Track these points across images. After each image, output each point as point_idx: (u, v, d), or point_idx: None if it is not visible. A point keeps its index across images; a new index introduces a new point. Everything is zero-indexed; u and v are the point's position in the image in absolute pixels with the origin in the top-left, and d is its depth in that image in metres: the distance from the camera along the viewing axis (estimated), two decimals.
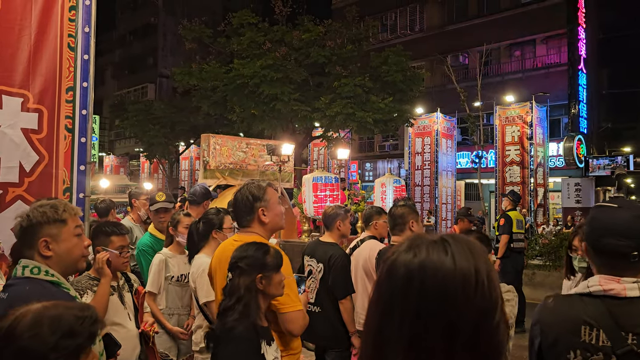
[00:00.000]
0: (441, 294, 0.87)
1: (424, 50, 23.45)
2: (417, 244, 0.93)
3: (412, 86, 14.94)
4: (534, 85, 20.72)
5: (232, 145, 6.92)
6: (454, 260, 0.89)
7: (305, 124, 14.48)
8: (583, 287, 1.55)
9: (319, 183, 7.06)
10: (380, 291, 0.92)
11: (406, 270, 0.89)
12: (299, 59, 14.17)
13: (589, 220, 1.61)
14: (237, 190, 2.70)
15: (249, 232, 2.61)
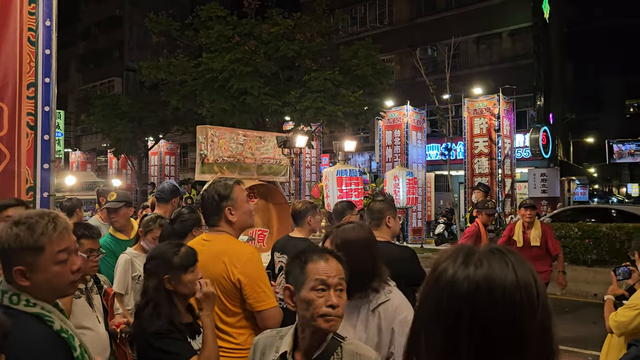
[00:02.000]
0: (510, 307, 0.86)
1: (393, 44, 23.58)
2: (472, 255, 0.91)
3: (382, 79, 15.01)
4: (501, 77, 21.07)
5: (229, 137, 6.62)
6: (515, 272, 0.88)
7: (276, 118, 14.41)
8: None
9: (343, 177, 6.68)
10: (441, 307, 0.88)
11: (470, 284, 0.87)
12: (268, 53, 14.06)
13: None
14: (204, 189, 2.66)
15: (218, 232, 2.58)
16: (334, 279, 1.64)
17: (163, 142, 24.22)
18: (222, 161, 6.37)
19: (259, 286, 2.43)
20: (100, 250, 2.80)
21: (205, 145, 6.14)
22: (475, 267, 0.88)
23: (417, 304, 0.96)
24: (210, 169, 6.29)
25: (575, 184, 27.02)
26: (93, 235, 2.73)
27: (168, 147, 24.77)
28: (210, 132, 6.34)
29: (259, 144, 7.04)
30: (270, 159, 7.22)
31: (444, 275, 0.90)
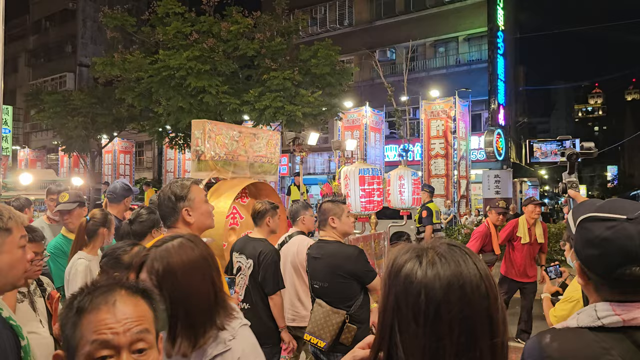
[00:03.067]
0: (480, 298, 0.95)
1: (352, 45, 23.77)
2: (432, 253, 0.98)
3: (341, 80, 15.07)
4: (457, 81, 21.58)
5: (225, 133, 6.28)
6: (475, 264, 0.98)
7: (235, 118, 14.24)
8: (590, 318, 1.21)
9: (366, 176, 6.17)
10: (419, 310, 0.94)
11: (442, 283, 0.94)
12: (227, 51, 13.89)
13: (595, 243, 1.20)
14: (160, 189, 2.60)
15: (176, 233, 2.53)
16: (124, 336, 1.04)
17: (118, 140, 23.60)
18: (218, 158, 6.13)
19: None
20: (44, 253, 2.68)
21: (202, 140, 5.74)
22: (441, 265, 0.96)
23: (383, 309, 1.00)
24: (206, 166, 5.97)
25: (527, 185, 27.95)
26: (36, 238, 2.61)
27: (123, 146, 24.15)
28: (208, 127, 6.02)
29: (252, 141, 6.67)
30: (263, 157, 6.82)
31: (414, 277, 0.95)
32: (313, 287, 3.59)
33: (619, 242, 1.17)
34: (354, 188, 6.13)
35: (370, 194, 6.13)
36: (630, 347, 1.15)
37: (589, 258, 1.22)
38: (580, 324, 1.21)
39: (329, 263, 3.48)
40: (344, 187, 6.24)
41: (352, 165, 6.42)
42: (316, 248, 3.65)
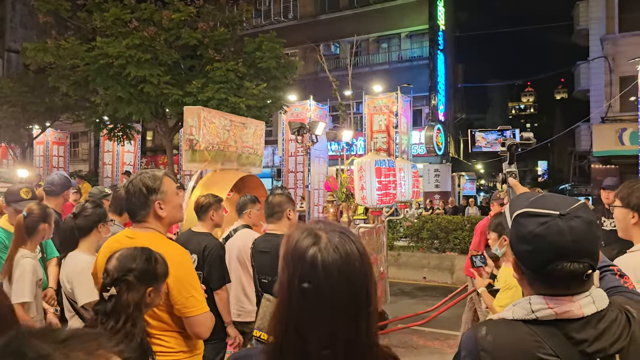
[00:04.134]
0: (363, 271, 1.12)
1: (297, 38, 23.74)
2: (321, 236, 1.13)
3: (285, 73, 15.02)
4: (399, 76, 22.03)
5: (218, 122, 5.67)
6: (355, 244, 1.14)
7: (177, 109, 13.89)
8: (524, 311, 1.23)
9: (382, 167, 5.78)
10: (309, 286, 1.08)
11: (334, 266, 1.09)
12: (169, 40, 13.50)
13: (527, 238, 1.23)
14: (129, 181, 2.41)
15: (145, 228, 2.38)
16: None
17: (51, 130, 22.42)
18: (211, 148, 5.61)
19: (188, 291, 2.25)
20: None
21: (196, 129, 5.37)
22: (334, 250, 1.11)
23: (288, 290, 1.12)
24: (201, 156, 5.49)
25: (465, 179, 28.98)
26: None
27: (56, 137, 22.98)
28: (203, 115, 5.46)
29: (241, 131, 6.32)
30: (249, 147, 6.51)
31: (315, 261, 1.09)
32: (261, 281, 3.54)
33: (550, 238, 1.19)
34: (369, 180, 5.76)
35: (387, 186, 5.81)
36: (562, 340, 1.18)
37: (522, 253, 1.25)
38: (516, 317, 1.23)
39: (277, 257, 3.47)
40: (357, 179, 5.87)
41: (368, 156, 6.03)
42: (264, 242, 3.61)
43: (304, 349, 1.08)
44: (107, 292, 1.89)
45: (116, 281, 1.90)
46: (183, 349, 2.30)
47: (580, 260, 1.18)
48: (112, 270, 1.93)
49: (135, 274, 1.92)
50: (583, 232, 1.20)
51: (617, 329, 1.20)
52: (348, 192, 6.14)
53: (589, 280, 1.21)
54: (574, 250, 1.18)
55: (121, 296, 1.88)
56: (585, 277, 1.20)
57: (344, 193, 6.17)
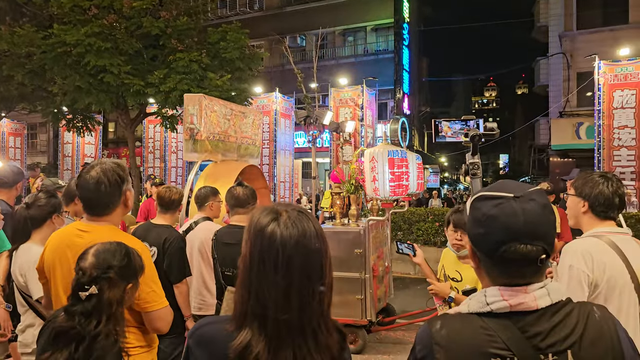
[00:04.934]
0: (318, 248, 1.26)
1: (263, 30, 23.54)
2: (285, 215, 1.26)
3: (251, 65, 14.85)
4: (365, 70, 22.12)
5: (219, 111, 5.42)
6: (313, 224, 1.28)
7: (139, 100, 13.56)
8: (479, 304, 1.22)
9: (395, 158, 5.58)
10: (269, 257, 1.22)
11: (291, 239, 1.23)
12: (130, 29, 13.14)
13: (482, 220, 1.22)
14: (94, 172, 2.27)
15: (99, 221, 2.28)
16: None
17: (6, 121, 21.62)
18: (213, 138, 5.37)
19: (149, 285, 2.21)
20: None
21: (198, 118, 5.12)
22: (293, 226, 1.24)
23: (249, 263, 1.25)
24: (202, 147, 5.23)
25: (429, 172, 29.41)
26: None
27: (13, 127, 22.17)
28: (204, 103, 5.17)
29: (241, 121, 6.09)
30: (248, 138, 6.31)
31: (274, 235, 1.23)
32: (224, 274, 3.48)
33: (503, 219, 1.18)
34: (382, 171, 5.56)
35: (400, 178, 5.66)
36: (516, 334, 1.16)
37: (476, 237, 1.24)
38: (471, 310, 1.22)
39: None
40: (369, 170, 5.60)
41: (380, 147, 5.79)
42: (228, 234, 3.55)
43: (265, 314, 1.21)
44: (85, 292, 1.79)
45: (96, 279, 1.81)
46: (141, 344, 2.26)
47: (533, 243, 1.16)
48: (89, 267, 1.83)
49: (116, 270, 1.85)
50: (537, 214, 1.18)
51: (570, 323, 1.18)
52: (357, 183, 5.95)
53: (543, 268, 1.19)
54: (526, 232, 1.16)
55: (103, 294, 1.80)
56: (540, 262, 1.17)
57: (353, 185, 5.97)
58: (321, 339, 1.25)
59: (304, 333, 1.22)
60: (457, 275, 3.24)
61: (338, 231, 5.67)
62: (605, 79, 12.28)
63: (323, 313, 1.26)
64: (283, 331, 1.21)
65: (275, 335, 1.21)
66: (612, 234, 2.30)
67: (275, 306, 1.20)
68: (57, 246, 2.27)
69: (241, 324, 1.24)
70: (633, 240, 2.32)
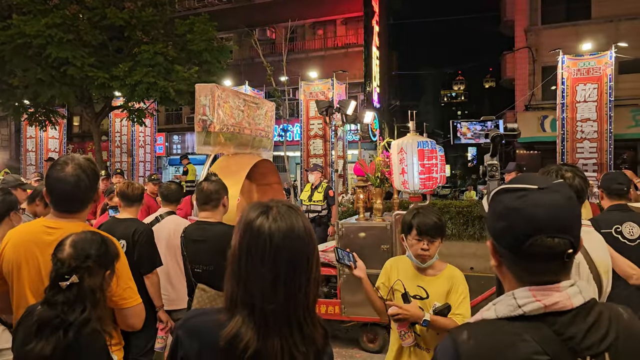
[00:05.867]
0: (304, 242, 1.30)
1: (231, 22, 23.26)
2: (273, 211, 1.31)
3: (219, 58, 14.67)
4: (335, 63, 22.11)
5: (232, 101, 5.18)
6: (302, 220, 1.32)
7: (104, 93, 13.25)
8: (509, 307, 1.12)
9: (425, 149, 5.30)
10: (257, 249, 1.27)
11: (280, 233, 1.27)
12: (93, 20, 12.81)
13: (504, 213, 1.14)
14: (70, 168, 2.19)
15: (68, 218, 2.22)
16: None
17: None
18: (226, 130, 5.11)
19: (125, 282, 2.21)
20: None
21: (211, 109, 4.89)
22: (281, 220, 1.29)
23: (238, 255, 1.29)
24: (215, 139, 4.97)
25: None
26: None
27: None
28: (217, 93, 4.96)
29: (255, 112, 5.80)
30: (262, 130, 6.02)
31: (262, 228, 1.27)
32: (194, 271, 3.43)
33: (527, 211, 1.10)
34: (411, 163, 5.30)
35: (430, 170, 5.38)
36: (551, 337, 1.07)
37: (498, 232, 1.15)
38: (499, 315, 1.11)
39: (216, 245, 3.34)
40: (397, 162, 5.34)
41: (408, 137, 5.51)
42: (198, 230, 3.49)
43: (253, 303, 1.25)
44: (66, 281, 1.82)
45: (76, 269, 1.84)
46: (115, 340, 2.23)
47: (559, 236, 1.09)
48: (68, 258, 1.85)
49: (95, 259, 1.89)
50: (562, 206, 1.12)
51: (604, 324, 1.11)
52: (382, 176, 5.68)
53: (569, 263, 1.12)
54: (552, 224, 1.09)
55: (83, 283, 1.84)
56: (567, 257, 1.10)
57: (378, 178, 5.69)
58: (306, 331, 1.29)
59: (289, 324, 1.27)
60: (420, 292, 2.61)
61: (363, 226, 5.39)
62: (568, 73, 12.58)
63: (308, 306, 1.30)
64: (270, 321, 1.25)
65: (263, 324, 1.25)
66: None
67: (262, 296, 1.25)
68: (21, 244, 2.18)
69: (232, 314, 1.28)
70: (593, 231, 2.37)
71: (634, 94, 17.15)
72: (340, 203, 13.85)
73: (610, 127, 12.23)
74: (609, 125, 12.23)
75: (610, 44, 13.09)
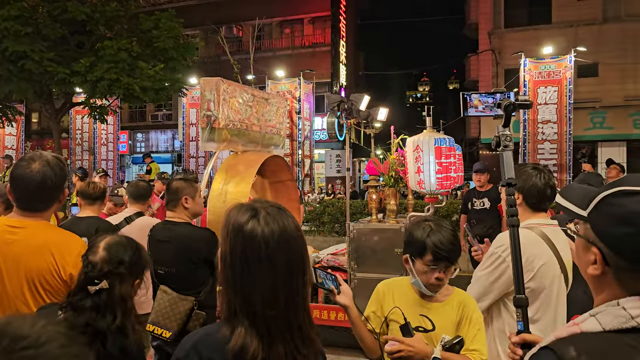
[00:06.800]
0: (297, 243, 1.29)
1: (198, 19, 22.95)
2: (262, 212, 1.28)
3: (185, 55, 14.42)
4: (302, 62, 22.08)
5: (239, 96, 4.98)
6: (292, 220, 1.31)
7: (64, 88, 12.83)
8: (620, 319, 1.01)
9: (443, 147, 4.98)
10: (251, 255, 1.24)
11: (274, 236, 1.25)
12: (53, 13, 12.39)
13: (630, 218, 1.03)
14: (37, 165, 2.11)
15: (36, 217, 2.14)
16: None
17: None
18: (232, 127, 4.89)
19: None
20: None
21: (215, 104, 4.68)
22: (274, 223, 1.27)
23: (230, 261, 1.26)
24: (220, 136, 4.76)
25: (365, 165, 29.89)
26: None
27: None
28: (223, 87, 4.76)
29: (264, 108, 5.57)
30: (272, 127, 5.77)
31: (254, 232, 1.25)
32: (157, 272, 3.37)
33: None
34: (428, 162, 4.95)
35: (447, 169, 5.04)
36: None
37: (620, 239, 1.03)
38: (606, 327, 1.00)
39: (179, 247, 3.27)
40: (412, 161, 5.00)
41: (424, 134, 5.15)
42: (163, 230, 3.43)
43: (253, 311, 1.23)
44: (94, 286, 1.73)
45: (108, 274, 1.76)
46: None
47: None
48: (100, 262, 1.77)
49: (127, 265, 1.80)
50: None
51: None
52: (397, 175, 5.38)
53: None
54: None
55: (114, 289, 1.75)
56: None
57: (392, 177, 5.29)
58: (306, 333, 1.29)
59: (290, 328, 1.26)
60: (424, 323, 2.13)
61: (375, 228, 5.11)
62: (530, 75, 12.90)
63: (305, 307, 1.30)
64: (272, 327, 1.23)
65: (266, 332, 1.23)
66: (544, 226, 2.36)
67: (263, 303, 1.23)
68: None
69: (233, 326, 1.24)
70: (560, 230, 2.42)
71: (591, 97, 17.74)
72: (307, 202, 13.84)
73: (569, 129, 12.60)
74: (568, 127, 12.60)
75: (570, 48, 13.49)
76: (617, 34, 17.93)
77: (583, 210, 1.13)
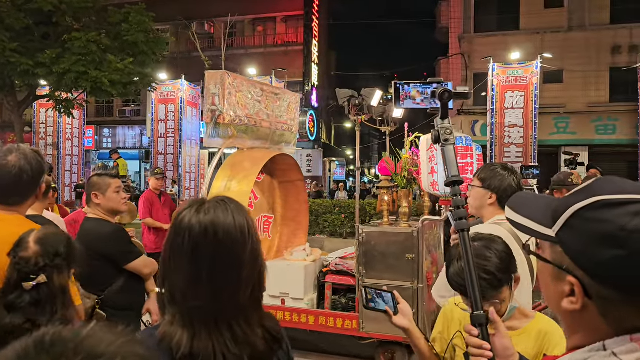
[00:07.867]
0: (229, 241, 1.21)
1: (169, 14, 22.61)
2: (203, 204, 1.24)
3: (155, 49, 14.18)
4: (274, 60, 22.01)
5: (247, 90, 4.73)
6: (233, 216, 1.23)
7: (27, 80, 12.47)
8: None
9: (459, 146, 4.69)
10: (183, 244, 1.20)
11: (201, 226, 1.20)
12: (17, 3, 12.02)
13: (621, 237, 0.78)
14: (13, 158, 2.05)
15: (11, 211, 2.10)
16: None
17: None
18: (239, 122, 4.68)
19: None
20: None
21: (220, 98, 4.47)
22: (205, 213, 1.22)
23: (164, 250, 1.25)
24: (225, 132, 4.57)
25: (335, 165, 29.98)
26: None
27: None
28: (228, 81, 4.55)
29: (274, 103, 5.28)
30: (284, 123, 5.51)
31: (183, 222, 1.22)
32: None
33: None
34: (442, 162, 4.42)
35: (464, 170, 4.67)
36: None
37: (607, 264, 0.80)
38: None
39: (81, 243, 3.19)
40: (426, 161, 4.70)
41: None
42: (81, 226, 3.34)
43: (176, 301, 1.21)
44: (30, 282, 1.69)
45: (44, 268, 1.73)
46: None
47: None
48: (34, 256, 1.73)
49: (64, 257, 1.79)
50: None
51: None
52: (410, 176, 5.02)
53: None
54: None
55: (53, 282, 1.73)
56: None
57: (405, 177, 5.02)
58: (238, 333, 1.22)
59: (217, 323, 1.20)
60: None
61: (386, 232, 4.82)
62: (498, 80, 13.16)
63: (238, 306, 1.23)
64: (195, 320, 1.19)
65: (189, 323, 1.19)
66: None
67: (182, 293, 1.20)
68: None
69: (164, 314, 1.24)
70: None
71: (556, 103, 18.23)
72: None
73: (535, 133, 12.91)
74: (533, 132, 12.92)
75: (536, 54, 13.82)
76: (581, 41, 18.47)
77: (548, 229, 0.90)
